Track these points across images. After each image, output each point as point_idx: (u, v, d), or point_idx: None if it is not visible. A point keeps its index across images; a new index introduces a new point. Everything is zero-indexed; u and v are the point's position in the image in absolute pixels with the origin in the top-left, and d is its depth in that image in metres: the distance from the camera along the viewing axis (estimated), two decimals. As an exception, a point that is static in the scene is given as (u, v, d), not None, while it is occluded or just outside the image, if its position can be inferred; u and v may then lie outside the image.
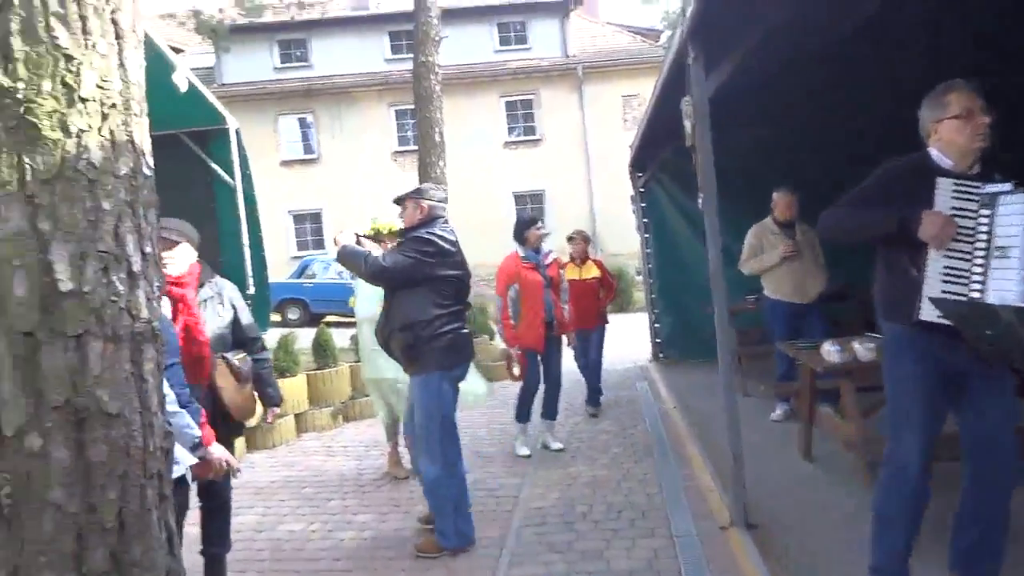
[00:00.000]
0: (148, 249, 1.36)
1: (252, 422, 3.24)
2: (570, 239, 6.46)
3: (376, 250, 3.61)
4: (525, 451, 5.26)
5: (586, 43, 21.16)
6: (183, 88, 8.44)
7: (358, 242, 3.62)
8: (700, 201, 3.50)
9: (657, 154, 7.78)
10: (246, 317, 3.15)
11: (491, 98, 20.19)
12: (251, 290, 8.74)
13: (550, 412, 5.43)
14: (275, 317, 13.80)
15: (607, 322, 6.57)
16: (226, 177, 9.10)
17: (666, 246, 8.32)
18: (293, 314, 14.27)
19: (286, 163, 20.46)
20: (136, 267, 1.32)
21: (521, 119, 20.51)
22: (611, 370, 8.32)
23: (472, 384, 5.05)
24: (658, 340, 8.62)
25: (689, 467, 4.61)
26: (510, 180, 19.98)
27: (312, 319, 13.73)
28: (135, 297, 1.32)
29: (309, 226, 20.39)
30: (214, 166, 9.04)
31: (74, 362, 1.24)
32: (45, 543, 1.19)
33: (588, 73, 20.01)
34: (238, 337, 3.10)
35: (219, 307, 3.03)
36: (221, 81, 20.54)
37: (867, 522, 2.69)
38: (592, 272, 6.39)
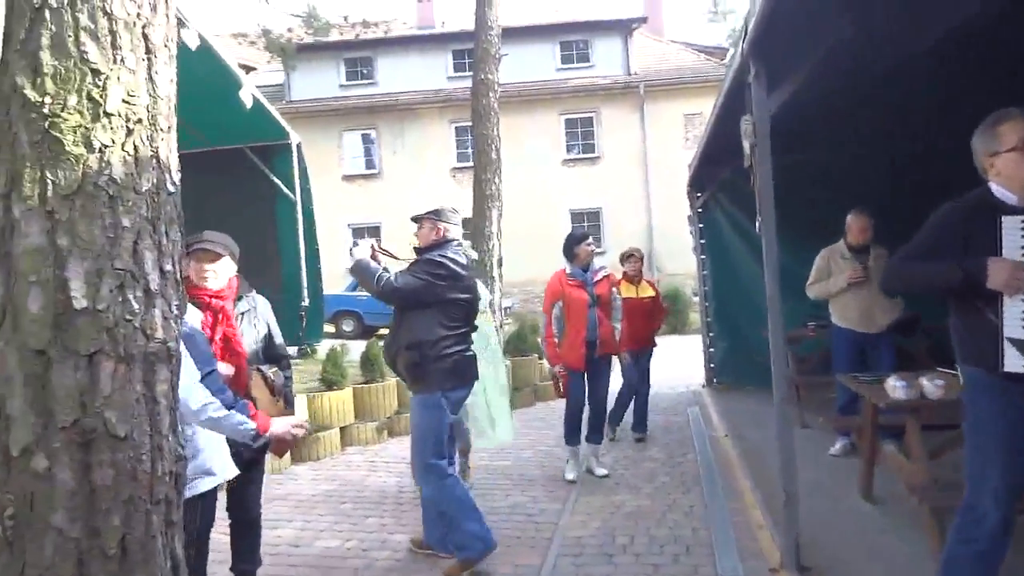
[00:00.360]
0: (168, 267, 1.33)
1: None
2: (627, 257, 6.25)
3: (394, 266, 3.63)
4: (572, 476, 5.12)
5: (649, 61, 20.99)
6: (248, 104, 8.73)
7: (374, 256, 3.61)
8: (758, 224, 3.34)
9: (716, 174, 7.58)
10: (278, 334, 3.20)
11: (551, 115, 20.21)
12: (306, 302, 8.92)
13: (595, 436, 5.29)
14: (330, 328, 14.03)
15: (655, 345, 6.37)
16: (287, 191, 9.34)
17: (723, 268, 8.08)
18: (347, 326, 14.48)
19: (348, 178, 20.91)
20: (153, 285, 1.30)
21: (580, 137, 20.45)
22: (663, 394, 8.11)
23: (500, 431, 5.01)
24: (712, 365, 8.36)
25: (739, 501, 4.40)
26: (567, 197, 19.91)
27: (366, 331, 13.89)
28: (151, 316, 1.29)
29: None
30: (276, 180, 9.32)
31: (84, 382, 1.21)
32: (45, 568, 1.16)
33: (650, 91, 19.83)
34: (269, 353, 3.14)
35: (255, 321, 3.07)
36: (289, 98, 21.20)
37: (928, 572, 2.49)
38: (647, 292, 6.21)
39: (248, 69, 22.94)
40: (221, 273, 2.92)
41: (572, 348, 5.01)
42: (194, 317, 2.61)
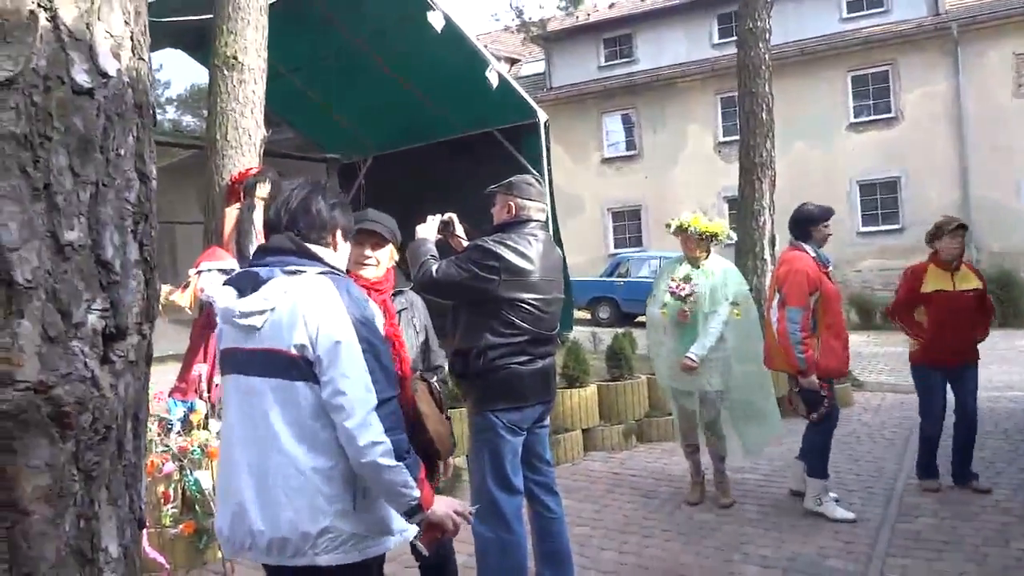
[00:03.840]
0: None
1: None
2: (942, 232, 4.36)
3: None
4: (847, 514, 3.93)
5: (964, -5, 17.27)
6: (495, 83, 8.48)
7: (450, 237, 2.97)
8: None
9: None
10: (435, 339, 2.65)
11: (835, 74, 17.54)
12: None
13: None
14: (585, 316, 13.57)
15: (978, 358, 4.45)
16: (534, 172, 8.97)
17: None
18: (603, 313, 13.87)
19: (607, 160, 20.39)
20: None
21: (872, 95, 17.49)
22: (997, 409, 6.21)
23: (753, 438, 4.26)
24: (1077, 373, 6.20)
25: None
26: (855, 167, 17.18)
27: (622, 318, 13.17)
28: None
29: (627, 223, 20.05)
30: (524, 162, 8.97)
31: None
32: None
33: (966, 32, 16.22)
34: (426, 361, 2.62)
35: (414, 320, 2.55)
36: (550, 85, 21.22)
37: None
38: (971, 282, 4.33)
39: (513, 61, 23.59)
40: (383, 261, 2.43)
41: (833, 351, 3.98)
42: (380, 318, 2.02)
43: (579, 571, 3.24)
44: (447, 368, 2.83)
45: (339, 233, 1.90)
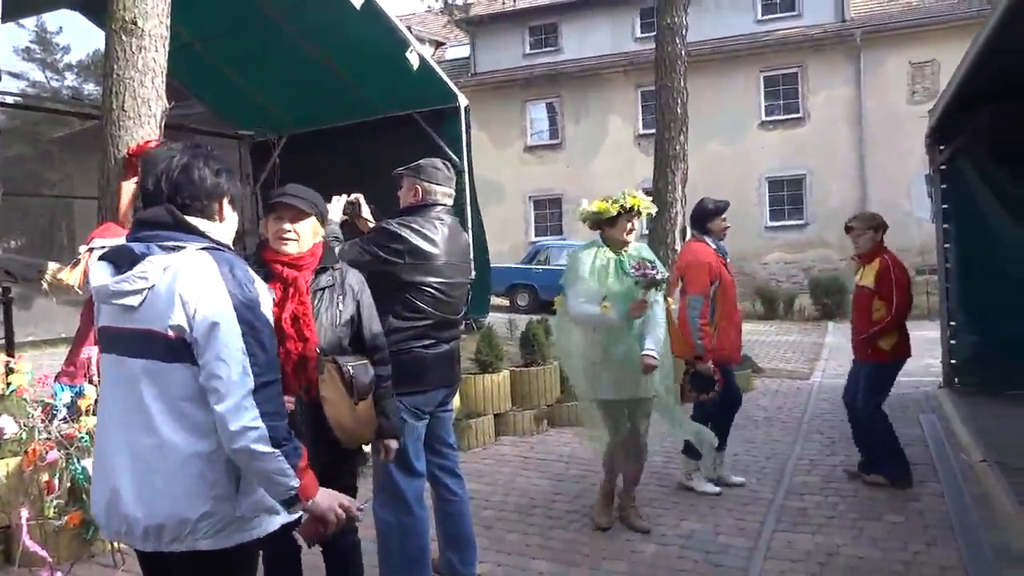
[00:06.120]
0: None
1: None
2: (848, 229, 4.45)
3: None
4: (712, 488, 4.23)
5: (868, 4, 18.24)
6: (415, 64, 8.34)
7: (356, 218, 2.92)
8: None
9: (969, 121, 5.94)
10: (371, 319, 2.44)
11: (748, 74, 18.24)
12: (472, 275, 8.47)
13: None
14: (503, 303, 13.67)
15: (880, 359, 4.22)
16: (454, 157, 8.90)
17: (974, 240, 6.37)
18: (522, 300, 14.00)
19: (530, 149, 20.54)
20: None
21: (782, 96, 18.28)
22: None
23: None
24: (953, 361, 6.69)
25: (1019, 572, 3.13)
26: (764, 164, 17.95)
27: (540, 306, 13.33)
28: None
29: (548, 211, 20.28)
30: (444, 147, 8.90)
31: None
32: None
33: (869, 39, 17.16)
34: (358, 343, 2.41)
35: (339, 299, 2.36)
36: (474, 71, 21.12)
37: None
38: (867, 278, 4.23)
39: (438, 44, 23.31)
40: (304, 236, 2.31)
41: (727, 336, 4.20)
42: (267, 298, 1.79)
43: (482, 553, 3.28)
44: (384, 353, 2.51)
45: (227, 202, 1.79)
